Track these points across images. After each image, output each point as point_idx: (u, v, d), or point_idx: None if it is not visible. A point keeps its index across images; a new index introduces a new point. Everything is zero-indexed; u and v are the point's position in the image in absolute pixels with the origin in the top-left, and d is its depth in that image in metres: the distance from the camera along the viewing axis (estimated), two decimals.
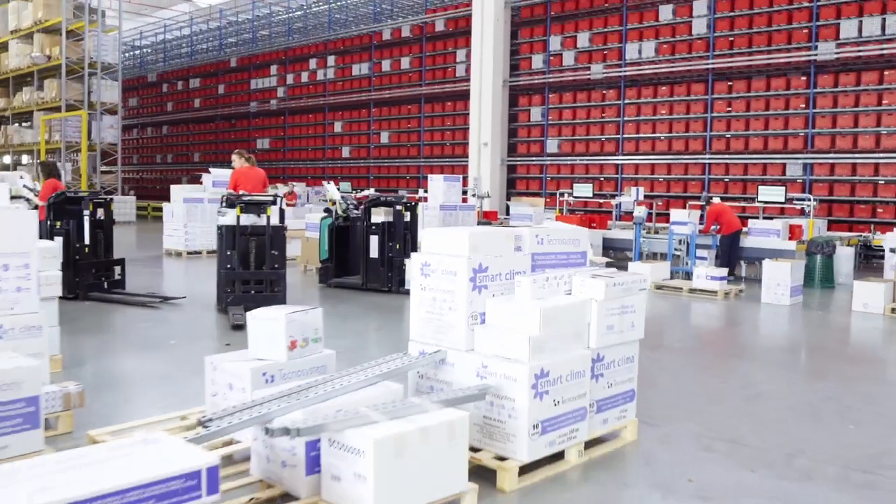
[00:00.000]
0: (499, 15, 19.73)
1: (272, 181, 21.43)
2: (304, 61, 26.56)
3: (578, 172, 19.57)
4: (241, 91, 28.64)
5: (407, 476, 3.13)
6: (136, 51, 34.73)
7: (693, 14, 17.55)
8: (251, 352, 4.13)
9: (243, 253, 8.43)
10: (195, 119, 30.85)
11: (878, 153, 15.10)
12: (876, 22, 15.13)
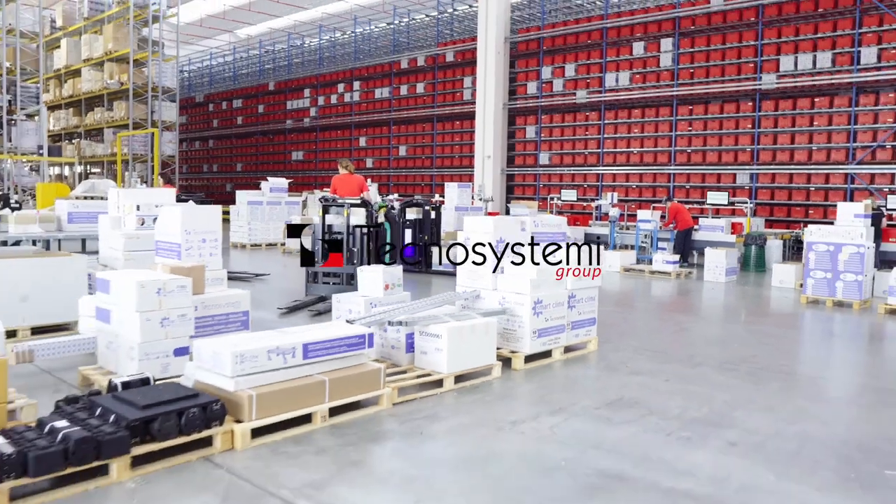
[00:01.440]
0: (499, 48, 20.33)
1: (305, 188, 23.11)
2: (333, 86, 27.09)
3: (566, 180, 20.18)
4: (279, 111, 29.21)
5: (463, 351, 5.13)
6: (186, 74, 35.47)
7: (661, 50, 18.30)
8: (360, 292, 6.09)
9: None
10: (237, 134, 31.54)
11: (810, 165, 16.06)
12: (808, 58, 16.06)
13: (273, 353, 3.99)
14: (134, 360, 4.55)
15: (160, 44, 25.21)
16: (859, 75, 15.27)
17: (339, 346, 4.35)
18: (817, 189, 16.20)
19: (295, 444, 3.82)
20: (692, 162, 18.00)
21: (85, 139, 27.13)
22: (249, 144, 31.19)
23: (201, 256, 5.88)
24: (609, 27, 19.26)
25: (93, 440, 3.18)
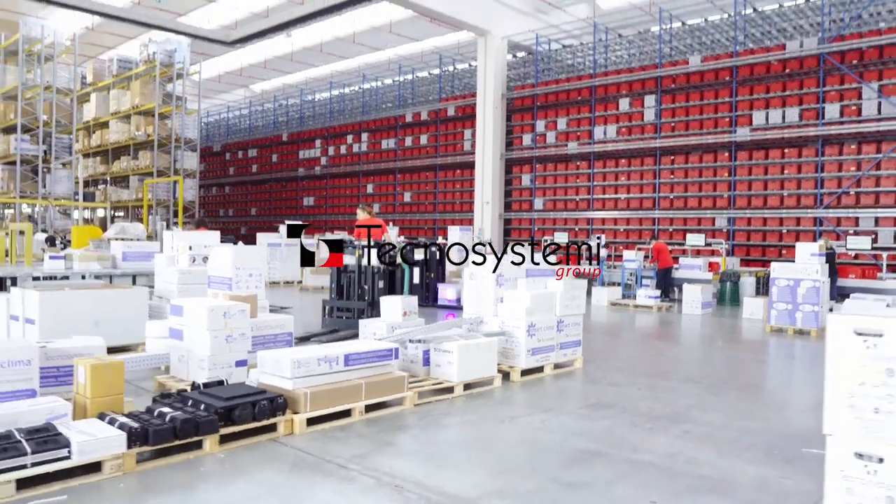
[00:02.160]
0: (497, 104, 21.21)
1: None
2: (342, 137, 27.95)
3: (559, 224, 20.72)
4: (291, 159, 30.05)
5: (470, 364, 6.02)
6: (205, 125, 36.17)
7: (644, 105, 19.14)
8: (382, 317, 6.98)
9: (344, 286, 9.40)
10: (252, 181, 32.36)
11: (782, 209, 16.80)
12: (778, 113, 16.90)
13: (322, 360, 4.88)
14: (204, 370, 5.44)
15: (183, 98, 26.33)
16: (824, 129, 16.12)
17: (372, 357, 5.25)
18: (789, 231, 16.89)
19: (340, 431, 4.70)
20: (674, 207, 18.74)
21: (111, 185, 28.16)
22: (263, 191, 31.99)
23: (248, 288, 6.80)
24: (597, 85, 20.23)
25: (193, 420, 4.06)
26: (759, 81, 17.62)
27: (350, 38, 26.90)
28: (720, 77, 18.18)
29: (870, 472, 2.63)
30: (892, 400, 2.41)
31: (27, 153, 22.83)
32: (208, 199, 34.88)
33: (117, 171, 27.77)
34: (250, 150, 32.83)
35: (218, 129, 36.75)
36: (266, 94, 36.19)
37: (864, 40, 15.96)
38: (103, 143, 28.11)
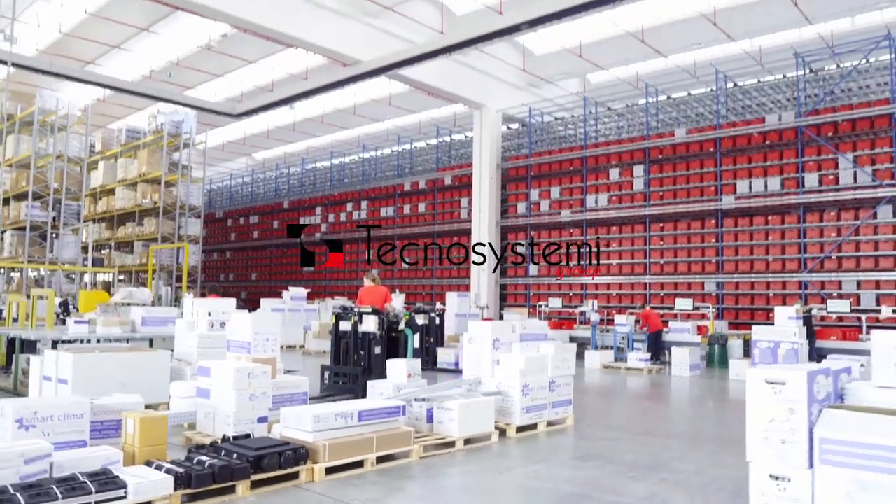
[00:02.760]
0: (492, 174, 22.27)
1: (317, 297, 24.65)
2: (342, 204, 28.83)
3: (553, 289, 21.29)
4: (292, 226, 30.47)
5: (470, 421, 6.62)
6: (208, 192, 36.56)
7: (634, 175, 20.07)
8: (389, 379, 7.60)
9: (342, 351, 9.71)
10: (253, 247, 33.01)
11: (768, 273, 17.40)
12: (761, 182, 17.77)
13: (339, 416, 5.50)
14: (229, 426, 6.03)
15: (188, 167, 27.33)
16: (805, 197, 16.94)
17: (382, 414, 5.87)
18: (776, 294, 17.47)
19: (356, 479, 5.30)
20: (665, 272, 19.40)
21: (115, 250, 28.84)
22: (264, 256, 32.63)
23: (265, 352, 7.43)
24: (588, 156, 21.20)
25: (228, 467, 4.66)
26: (741, 152, 18.53)
27: (351, 109, 28.06)
28: (705, 148, 19.12)
29: (781, 489, 3.28)
30: (794, 433, 3.06)
31: (37, 219, 23.56)
32: (209, 263, 35.45)
33: (122, 237, 28.45)
34: (252, 217, 33.67)
35: (220, 196, 37.72)
36: (268, 162, 37.28)
37: (838, 114, 16.98)
38: (109, 210, 28.89)
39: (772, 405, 3.08)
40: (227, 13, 16.67)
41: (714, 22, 19.43)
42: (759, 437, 3.18)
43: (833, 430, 2.91)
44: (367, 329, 9.58)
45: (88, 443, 5.00)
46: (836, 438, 2.89)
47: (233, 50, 23.41)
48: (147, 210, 27.20)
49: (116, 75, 23.90)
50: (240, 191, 36.52)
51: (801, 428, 3.01)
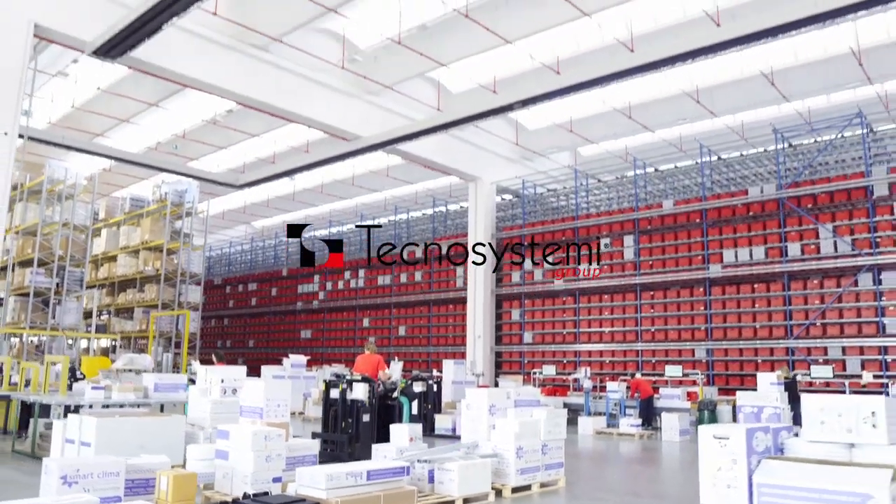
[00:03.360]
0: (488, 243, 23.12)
1: (314, 364, 25.03)
2: (340, 273, 29.33)
3: (547, 356, 21.69)
4: (290, 293, 31.40)
5: (469, 481, 7.15)
6: (208, 259, 36.49)
7: (624, 245, 20.79)
8: (392, 442, 8.13)
9: (331, 419, 9.93)
10: (251, 314, 33.52)
11: (756, 340, 17.90)
12: (746, 251, 18.44)
13: (349, 475, 6.05)
14: (247, 485, 6.55)
15: (190, 235, 27.99)
16: (788, 265, 17.65)
17: (388, 474, 6.41)
18: (764, 361, 17.88)
19: None
20: (656, 339, 19.88)
21: (115, 316, 29.25)
22: (262, 323, 33.06)
23: (276, 417, 8.00)
24: (580, 226, 22.02)
25: None
26: (726, 223, 19.28)
27: (349, 180, 29.04)
28: (692, 219, 19.89)
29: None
30: (737, 479, 3.67)
31: (41, 286, 24.09)
32: (207, 330, 35.76)
33: (122, 303, 28.86)
34: (250, 284, 34.25)
35: (220, 263, 38.33)
36: (267, 230, 38.09)
37: (817, 187, 17.81)
38: (110, 276, 29.38)
39: (718, 457, 3.70)
40: (234, 91, 17.68)
41: (697, 100, 20.59)
42: (710, 483, 3.79)
43: (769, 477, 3.53)
44: (356, 397, 9.90)
45: (123, 498, 5.54)
46: (772, 483, 3.51)
47: (237, 124, 24.48)
48: (148, 277, 27.73)
49: (124, 147, 24.92)
50: (239, 258, 37.18)
51: (742, 475, 3.63)
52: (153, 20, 13.46)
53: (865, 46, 18.05)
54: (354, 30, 18.75)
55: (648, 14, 17.52)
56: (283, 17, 17.27)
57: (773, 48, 18.69)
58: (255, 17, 17.22)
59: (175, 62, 16.33)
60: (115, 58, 15.08)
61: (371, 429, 9.77)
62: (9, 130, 13.80)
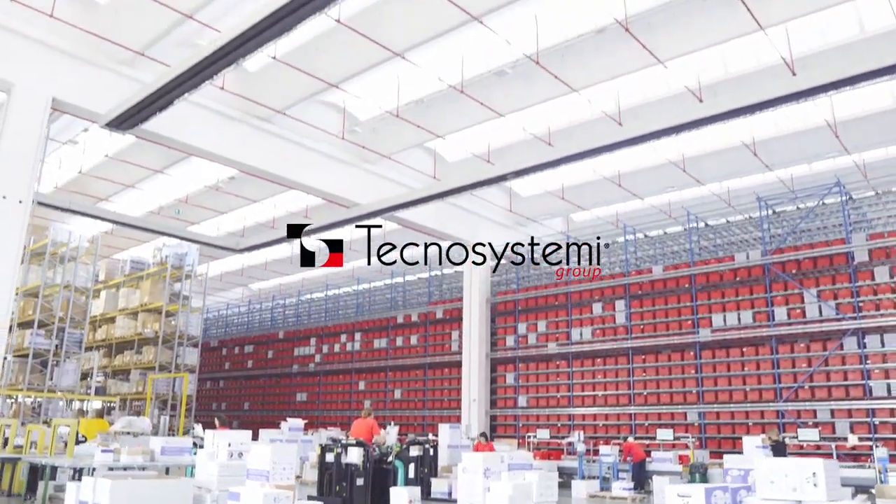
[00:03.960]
0: (482, 308, 23.59)
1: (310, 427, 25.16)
2: (336, 336, 29.73)
3: (542, 420, 22.04)
4: (286, 356, 31.61)
5: None
6: (204, 320, 37.04)
7: (616, 309, 21.35)
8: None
9: (325, 482, 10.31)
10: (247, 376, 33.58)
11: (746, 403, 18.23)
12: (734, 315, 18.91)
13: None
14: None
15: (189, 297, 28.39)
16: (776, 329, 18.16)
17: None
18: (755, 424, 18.17)
19: None
20: (648, 403, 20.17)
21: (111, 378, 29.35)
22: (257, 386, 33.17)
23: (283, 479, 8.38)
24: (572, 291, 22.62)
25: None
26: (715, 287, 19.85)
27: (346, 245, 29.64)
28: (681, 284, 20.46)
29: None
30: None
31: (40, 347, 24.35)
32: (202, 392, 35.69)
33: (119, 365, 29.03)
34: (247, 347, 34.45)
35: (216, 325, 38.66)
36: (264, 292, 38.56)
37: (800, 253, 18.51)
38: (108, 338, 29.61)
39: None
40: (237, 161, 18.48)
41: (684, 169, 21.45)
42: None
43: None
44: (350, 461, 10.20)
45: None
46: None
47: (238, 190, 25.21)
48: (146, 339, 28.01)
49: (127, 210, 25.57)
50: (235, 320, 37.51)
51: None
52: (165, 96, 14.27)
53: (841, 119, 18.96)
54: (354, 103, 19.65)
55: (635, 89, 18.46)
56: (286, 92, 18.17)
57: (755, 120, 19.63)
58: (260, 91, 18.11)
59: (182, 133, 17.12)
60: (126, 130, 15.87)
61: (365, 493, 10.00)
62: (24, 198, 14.41)
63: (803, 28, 15.77)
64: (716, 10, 14.94)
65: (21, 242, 14.28)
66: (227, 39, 12.11)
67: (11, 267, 13.95)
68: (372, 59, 16.11)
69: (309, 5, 11.00)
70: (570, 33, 16.11)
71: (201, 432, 14.33)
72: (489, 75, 17.53)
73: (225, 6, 15.18)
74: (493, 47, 16.34)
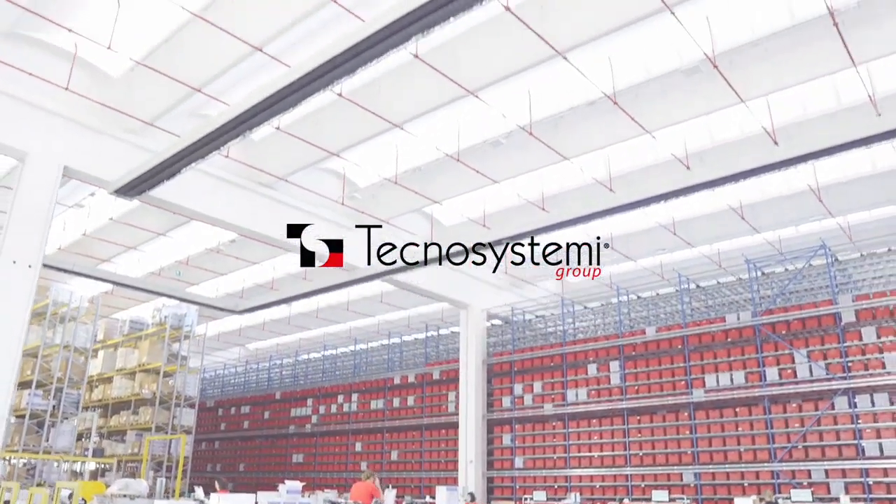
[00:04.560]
0: (478, 369, 23.66)
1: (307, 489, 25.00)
2: (333, 396, 29.66)
3: (539, 481, 21.74)
4: (283, 417, 31.44)
5: None
6: (200, 381, 37.54)
7: (610, 370, 21.33)
8: None
9: None
10: (242, 437, 33.34)
11: (741, 463, 18.20)
12: (727, 376, 19.07)
13: None
14: None
15: (187, 357, 28.58)
16: (768, 390, 18.32)
17: None
18: (750, 484, 18.18)
19: None
20: (644, 464, 20.17)
21: (106, 439, 29.22)
22: (253, 447, 32.93)
23: None
24: (567, 352, 22.81)
25: None
26: (707, 348, 20.09)
27: (343, 305, 30.09)
28: (674, 345, 20.73)
29: None
30: None
31: (37, 407, 24.38)
32: (197, 453, 35.35)
33: (115, 426, 28.96)
34: (243, 407, 34.37)
35: (212, 385, 38.58)
36: (260, 352, 38.70)
37: (789, 314, 18.80)
38: (104, 398, 29.58)
39: None
40: (239, 225, 19.05)
41: (674, 232, 22.06)
42: None
43: None
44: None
45: None
46: None
47: (238, 252, 25.71)
48: (143, 399, 28.04)
49: (128, 271, 26.00)
50: (232, 380, 37.53)
51: None
52: (174, 165, 14.89)
53: (824, 183, 19.64)
54: (354, 170, 20.33)
55: (625, 157, 19.19)
56: (289, 159, 18.84)
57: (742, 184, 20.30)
58: (264, 159, 18.79)
59: (186, 198, 17.70)
60: (133, 196, 16.44)
61: None
62: (33, 263, 14.85)
63: (784, 100, 16.54)
64: (700, 84, 15.73)
65: (29, 306, 14.66)
66: (236, 113, 12.78)
67: (19, 330, 14.30)
68: (371, 130, 16.81)
69: (315, 83, 11.69)
70: (562, 105, 16.89)
71: (202, 495, 14.44)
72: (484, 145, 18.25)
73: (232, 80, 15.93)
74: (489, 119, 17.08)
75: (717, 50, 14.49)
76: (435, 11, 9.97)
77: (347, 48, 10.85)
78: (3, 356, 13.82)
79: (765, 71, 15.13)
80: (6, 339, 13.99)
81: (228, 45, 14.02)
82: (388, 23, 10.32)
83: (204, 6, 14.06)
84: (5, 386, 13.83)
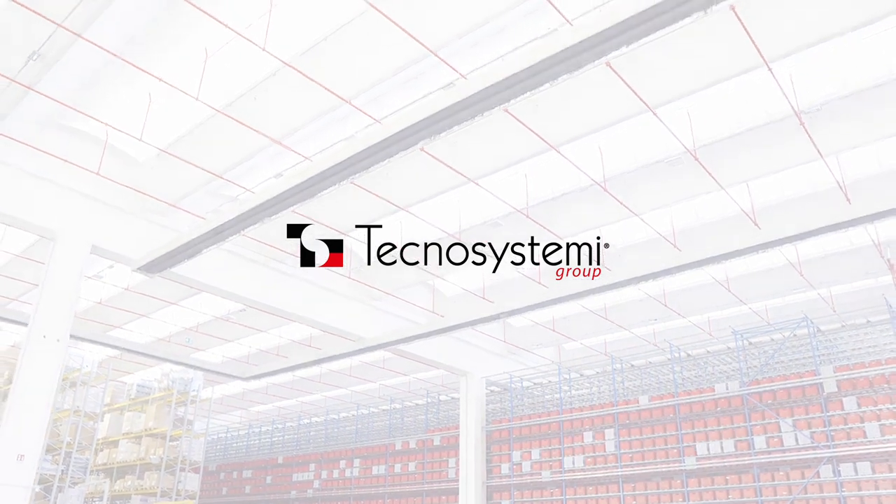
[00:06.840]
0: (478, 436, 24.26)
1: None
2: (335, 461, 30.00)
3: None
4: (285, 482, 31.68)
5: None
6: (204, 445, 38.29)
7: (605, 438, 21.98)
8: None
9: None
10: (245, 502, 33.34)
11: None
12: (717, 444, 19.74)
13: None
14: None
15: (192, 421, 29.20)
16: (756, 458, 18.99)
17: None
18: None
19: None
20: None
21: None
22: None
23: None
24: (564, 420, 23.54)
25: None
26: (698, 417, 20.82)
27: (346, 370, 30.91)
28: (666, 413, 21.48)
29: None
30: None
31: (47, 473, 24.87)
32: None
33: (120, 490, 29.21)
34: (245, 471, 34.60)
35: (215, 448, 38.77)
36: (263, 416, 39.22)
37: (775, 384, 19.59)
38: (110, 462, 29.87)
39: None
40: (250, 298, 20.07)
41: (665, 303, 23.15)
42: None
43: None
44: None
45: None
46: None
47: (246, 320, 26.68)
48: (148, 464, 28.49)
49: (138, 337, 26.88)
50: (234, 444, 37.82)
51: None
52: (196, 245, 16.02)
53: (806, 258, 20.82)
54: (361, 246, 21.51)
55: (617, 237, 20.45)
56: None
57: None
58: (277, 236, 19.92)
59: (200, 273, 18.78)
60: (155, 273, 17.54)
61: None
62: (61, 337, 15.85)
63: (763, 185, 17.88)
64: (682, 173, 17.08)
65: (58, 378, 15.58)
66: (257, 203, 13.98)
67: (48, 401, 15.18)
68: (378, 213, 18.04)
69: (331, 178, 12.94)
70: (556, 190, 18.21)
71: None
72: (484, 226, 19.48)
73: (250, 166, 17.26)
74: (488, 203, 18.35)
75: (699, 142, 15.85)
76: (441, 121, 11.28)
77: (363, 149, 12.10)
78: (34, 429, 14.61)
79: (743, 161, 16.48)
80: (37, 411, 14.83)
81: (249, 136, 15.35)
82: (399, 129, 11.60)
83: (227, 103, 15.43)
84: (33, 456, 14.57)
